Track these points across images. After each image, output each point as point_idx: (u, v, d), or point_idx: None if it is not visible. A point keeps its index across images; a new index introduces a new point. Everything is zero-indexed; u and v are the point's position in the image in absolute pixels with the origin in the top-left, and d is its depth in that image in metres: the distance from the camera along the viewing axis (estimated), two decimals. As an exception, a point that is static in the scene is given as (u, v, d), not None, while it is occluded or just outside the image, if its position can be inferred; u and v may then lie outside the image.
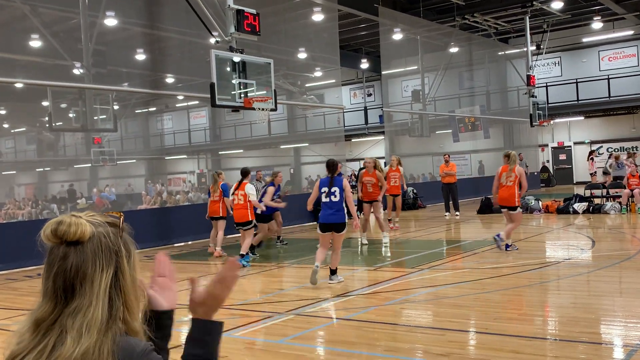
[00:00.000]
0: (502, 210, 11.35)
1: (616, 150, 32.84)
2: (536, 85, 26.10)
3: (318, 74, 33.14)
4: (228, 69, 11.74)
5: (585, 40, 32.37)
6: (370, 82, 39.35)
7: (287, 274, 10.33)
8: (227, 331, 6.35)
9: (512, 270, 9.06)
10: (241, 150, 41.77)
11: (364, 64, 35.51)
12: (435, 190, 25.93)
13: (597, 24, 29.57)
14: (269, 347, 5.87)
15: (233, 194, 11.20)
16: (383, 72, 29.97)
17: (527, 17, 25.68)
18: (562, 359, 5.01)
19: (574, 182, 33.44)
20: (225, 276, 1.57)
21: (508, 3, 25.79)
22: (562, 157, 34.71)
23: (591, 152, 24.15)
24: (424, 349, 5.47)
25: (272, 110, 12.64)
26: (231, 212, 11.55)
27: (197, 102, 39.81)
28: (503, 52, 31.94)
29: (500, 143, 30.78)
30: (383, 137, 36.27)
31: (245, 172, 11.34)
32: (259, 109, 12.23)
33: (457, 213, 18.36)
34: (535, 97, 25.49)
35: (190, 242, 14.88)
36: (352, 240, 14.97)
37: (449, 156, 19.34)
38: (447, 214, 18.56)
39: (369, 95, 40.34)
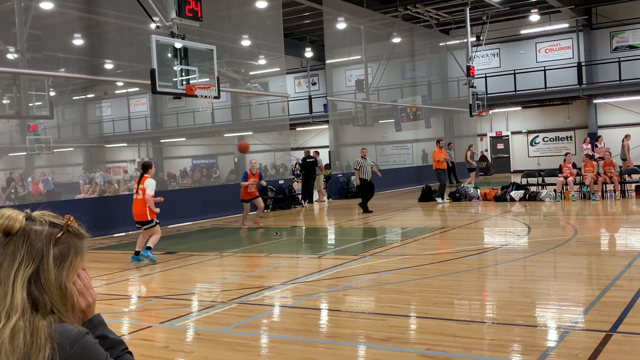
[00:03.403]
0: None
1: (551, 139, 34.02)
2: (476, 76, 26.66)
3: (262, 61, 32.92)
4: (169, 55, 11.49)
5: (523, 32, 33.25)
6: (315, 71, 39.36)
7: (230, 263, 10.26)
8: (167, 321, 6.27)
9: (451, 256, 9.27)
10: (183, 139, 41.17)
11: (309, 53, 35.46)
12: (378, 178, 26.25)
13: (534, 17, 30.40)
14: (210, 336, 5.82)
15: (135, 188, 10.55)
16: (327, 61, 30.04)
17: (468, 9, 26.16)
18: (498, 342, 5.16)
19: (512, 170, 34.43)
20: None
21: (450, -6, 26.24)
22: (500, 146, 35.66)
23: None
24: (365, 335, 5.53)
25: (215, 97, 12.48)
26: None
27: (137, 88, 38.95)
28: (444, 43, 32.49)
29: (441, 132, 31.32)
30: (327, 126, 36.45)
31: (145, 166, 10.60)
32: (202, 96, 12.05)
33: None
34: (475, 88, 26.04)
35: (131, 233, 14.57)
36: (297, 229, 15.01)
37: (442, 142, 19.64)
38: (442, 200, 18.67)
39: (314, 84, 40.35)
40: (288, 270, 9.24)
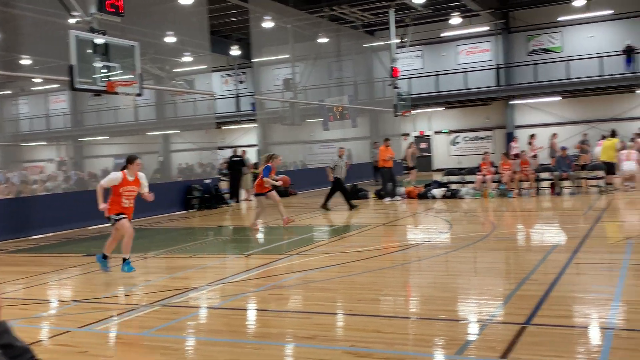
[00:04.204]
0: None
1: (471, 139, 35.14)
2: (399, 77, 27.19)
3: (188, 59, 32.37)
4: (89, 50, 11.14)
5: (444, 35, 34.20)
6: (242, 69, 39.09)
7: (154, 264, 10.05)
8: (87, 326, 6.08)
9: (376, 253, 9.43)
10: (106, 137, 39.95)
11: (235, 51, 35.18)
12: (306, 177, 26.34)
13: (455, 20, 31.30)
14: (131, 339, 5.69)
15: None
16: (254, 60, 29.95)
17: (392, 11, 26.65)
18: (420, 336, 5.29)
19: (434, 169, 35.36)
20: None
21: (374, -4, 26.65)
22: (423, 145, 36.53)
23: (531, 136, 25.49)
24: (291, 333, 5.55)
25: (137, 95, 12.19)
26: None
27: (56, 85, 37.47)
28: (369, 44, 32.97)
29: (367, 132, 31.82)
30: (255, 125, 36.27)
31: (129, 159, 9.41)
32: (123, 93, 11.75)
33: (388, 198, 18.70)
34: (399, 88, 26.56)
35: (50, 234, 14.03)
36: (223, 229, 14.89)
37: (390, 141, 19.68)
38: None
39: (241, 82, 40.07)
40: (214, 270, 9.14)
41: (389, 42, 27.39)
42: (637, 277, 7.11)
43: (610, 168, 17.37)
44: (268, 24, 25.73)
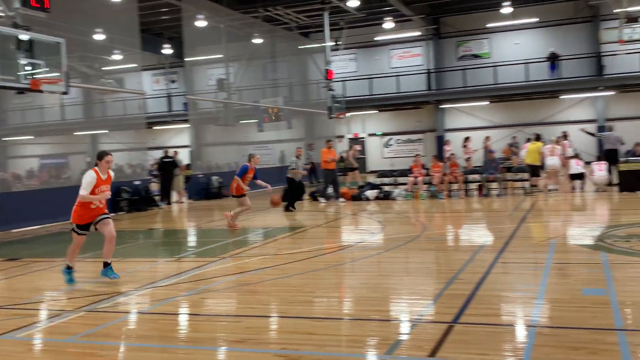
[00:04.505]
0: None
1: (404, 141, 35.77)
2: (334, 80, 27.38)
3: (117, 57, 31.56)
4: (13, 47, 10.69)
5: (378, 39, 34.69)
6: (174, 68, 38.44)
7: (80, 269, 9.71)
8: (7, 333, 5.81)
9: (309, 255, 9.44)
10: (31, 137, 38.43)
11: (167, 50, 34.56)
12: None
13: (388, 24, 31.81)
14: (55, 346, 5.47)
15: None
16: (187, 59, 29.47)
17: (326, 14, 26.81)
18: (351, 337, 5.33)
19: (367, 171, 35.78)
20: None
21: (308, -2, 26.74)
22: (357, 147, 36.87)
23: (466, 139, 26.00)
24: (221, 338, 5.48)
25: (63, 93, 11.80)
26: None
27: (-23, 82, 35.72)
28: (304, 46, 33.06)
29: (302, 134, 31.87)
30: (188, 126, 35.72)
31: (99, 155, 8.47)
32: (49, 91, 11.33)
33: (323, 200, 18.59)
34: (334, 91, 26.74)
35: (-33, 238, 13.36)
36: (154, 232, 14.58)
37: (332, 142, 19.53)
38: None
39: (173, 82, 39.40)
40: (144, 274, 8.92)
41: (323, 44, 27.55)
42: (559, 275, 7.40)
43: (534, 170, 18.03)
44: (201, 23, 25.40)
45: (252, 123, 29.93)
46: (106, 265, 8.00)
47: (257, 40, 29.29)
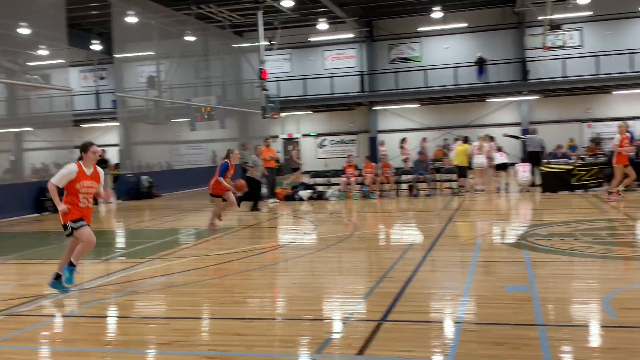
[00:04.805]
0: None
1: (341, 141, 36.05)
2: (268, 80, 27.29)
3: (43, 52, 30.38)
4: None
5: (312, 39, 34.83)
6: (103, 64, 37.36)
7: (2, 271, 9.31)
8: None
9: (241, 255, 9.37)
10: (-52, 134, 36.47)
11: (96, 46, 33.57)
12: (172, 179, 25.69)
13: (322, 26, 31.99)
14: (-29, 354, 5.22)
15: None
16: (116, 56, 28.63)
17: (260, 13, 26.69)
18: (281, 337, 5.32)
19: (301, 171, 35.82)
20: None
21: (242, -3, 26.56)
22: (291, 148, 36.93)
23: (403, 140, 26.24)
24: (148, 340, 5.37)
25: (-17, 88, 11.26)
26: None
27: None
28: (238, 45, 32.81)
29: (235, 133, 31.61)
30: (117, 124, 34.76)
31: (83, 147, 7.27)
32: (-34, 86, 10.80)
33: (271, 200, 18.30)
34: (267, 91, 26.66)
35: None
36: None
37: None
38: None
39: (102, 78, 38.30)
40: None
41: (257, 43, 27.42)
42: (484, 273, 7.63)
43: (462, 171, 18.54)
44: (131, 19, 24.79)
45: (184, 122, 29.47)
46: (59, 277, 7.07)
47: (190, 38, 28.84)
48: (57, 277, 7.05)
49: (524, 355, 4.57)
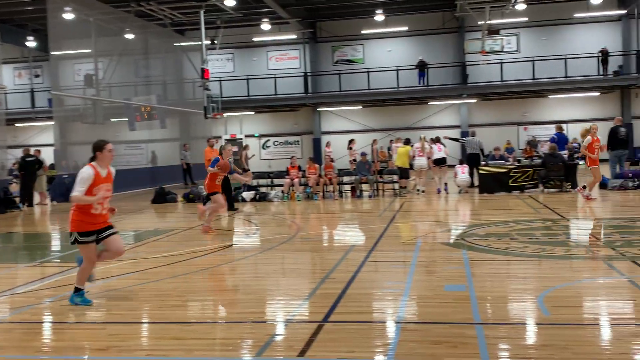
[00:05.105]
0: None
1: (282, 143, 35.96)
2: (210, 79, 27.01)
3: (-27, 48, 29.18)
4: None
5: (255, 39, 34.69)
6: (39, 62, 36.16)
7: None
8: None
9: (181, 258, 9.21)
10: None
11: (31, 42, 32.45)
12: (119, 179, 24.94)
13: (265, 26, 31.89)
14: None
15: None
16: (52, 53, 27.73)
17: (202, 12, 26.39)
18: (221, 341, 5.24)
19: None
20: None
21: (184, -5, 26.19)
22: (234, 149, 36.63)
23: (350, 141, 26.21)
24: (83, 346, 5.20)
25: None
26: None
27: None
28: (179, 44, 32.32)
29: (176, 133, 31.13)
30: (52, 123, 33.67)
31: (97, 146, 6.69)
32: None
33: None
34: (210, 91, 26.37)
35: None
36: (14, 235, 13.65)
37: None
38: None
39: (37, 76, 37.08)
40: (0, 281, 8.30)
41: (199, 42, 27.10)
42: (424, 273, 7.74)
43: (403, 173, 18.79)
44: (68, 15, 24.05)
45: (123, 122, 28.80)
46: (78, 290, 6.49)
47: (129, 36, 28.22)
48: (77, 290, 6.48)
49: (462, 353, 4.65)
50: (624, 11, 32.06)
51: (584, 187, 15.02)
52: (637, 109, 33.19)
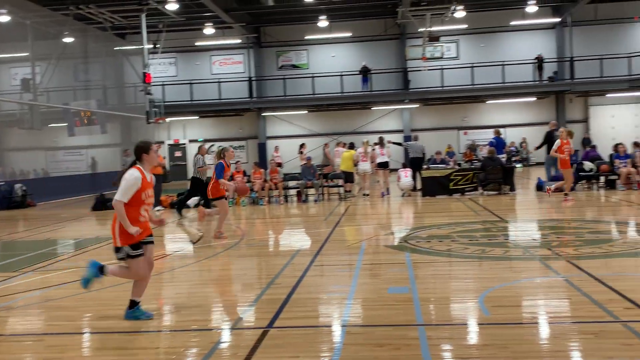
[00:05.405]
0: None
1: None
2: (152, 84, 26.57)
3: None
4: None
5: (198, 44, 34.34)
6: (-29, 65, 34.77)
7: None
8: None
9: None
10: None
11: (-37, 45, 31.12)
12: (48, 187, 24.25)
13: (209, 30, 31.62)
14: None
15: None
16: (-14, 56, 26.83)
17: (144, 15, 25.95)
18: (164, 349, 5.16)
19: (188, 177, 35.15)
20: None
21: (124, -2, 25.71)
22: (178, 154, 36.20)
23: (301, 146, 26.00)
24: (20, 359, 5.03)
25: None
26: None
27: None
28: (120, 48, 31.70)
29: (117, 139, 30.50)
30: (-13, 128, 32.44)
31: (141, 148, 6.18)
32: None
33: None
34: (152, 95, 25.95)
35: None
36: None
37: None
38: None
39: (-30, 80, 35.58)
40: None
41: (140, 46, 26.62)
42: (368, 276, 7.82)
43: (348, 177, 18.95)
44: (3, 17, 23.25)
45: (62, 127, 28.02)
46: (134, 304, 6.05)
47: (68, 39, 27.49)
48: (132, 305, 6.02)
49: (405, 355, 4.73)
50: (558, 19, 33.27)
51: (566, 194, 15.16)
52: (571, 114, 34.46)
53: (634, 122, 34.06)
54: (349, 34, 33.87)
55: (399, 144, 23.19)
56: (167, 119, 30.33)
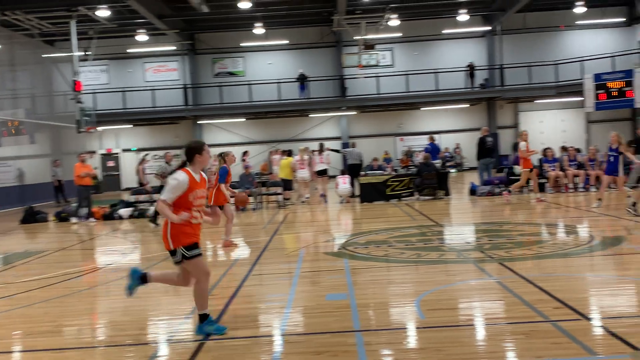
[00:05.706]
0: None
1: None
2: (83, 92, 25.83)
3: None
4: None
5: (131, 51, 33.64)
6: None
7: None
8: None
9: (53, 281, 8.70)
10: None
11: None
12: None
13: (142, 37, 31.02)
14: None
15: None
16: None
17: (74, 22, 25.22)
18: (97, 366, 5.00)
19: (122, 188, 34.36)
20: None
21: (52, 5, 24.88)
22: (111, 163, 35.30)
23: (244, 153, 25.59)
24: (-60, 384, 4.77)
25: None
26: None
27: None
28: (49, 55, 30.70)
29: (47, 149, 29.46)
30: None
31: (190, 150, 5.86)
32: None
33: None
34: (82, 103, 25.21)
35: None
36: None
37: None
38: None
39: None
40: None
41: (70, 54, 25.83)
42: (307, 283, 7.81)
43: (287, 184, 18.92)
44: None
45: (-13, 137, 26.84)
46: (205, 317, 5.64)
47: (-7, 46, 26.42)
48: (203, 318, 5.63)
49: (343, 362, 4.73)
50: (489, 28, 34.34)
51: (509, 191, 16.31)
52: (501, 120, 35.57)
53: (561, 127, 35.48)
54: (285, 41, 33.94)
55: (337, 151, 23.36)
56: (99, 128, 29.55)
